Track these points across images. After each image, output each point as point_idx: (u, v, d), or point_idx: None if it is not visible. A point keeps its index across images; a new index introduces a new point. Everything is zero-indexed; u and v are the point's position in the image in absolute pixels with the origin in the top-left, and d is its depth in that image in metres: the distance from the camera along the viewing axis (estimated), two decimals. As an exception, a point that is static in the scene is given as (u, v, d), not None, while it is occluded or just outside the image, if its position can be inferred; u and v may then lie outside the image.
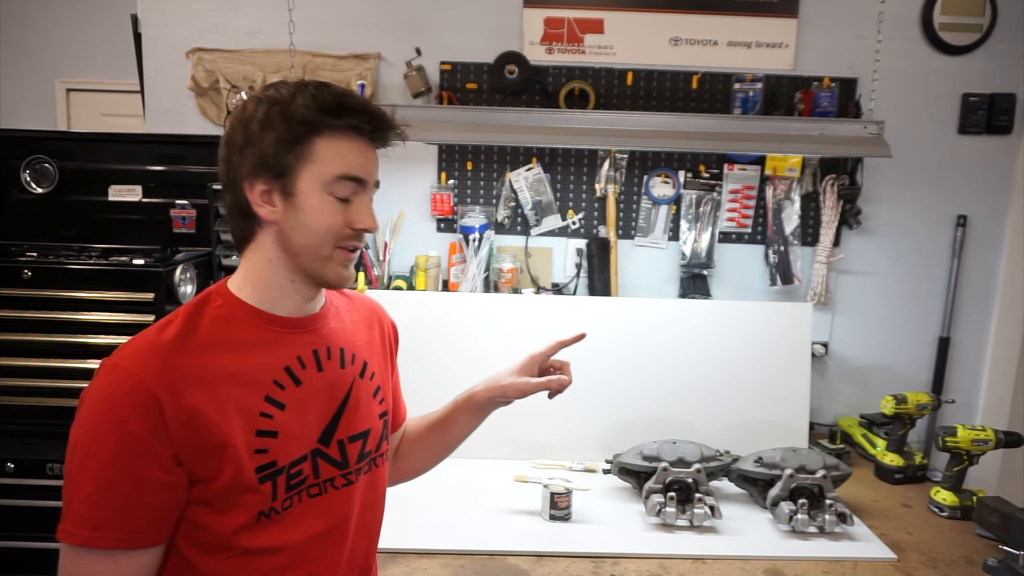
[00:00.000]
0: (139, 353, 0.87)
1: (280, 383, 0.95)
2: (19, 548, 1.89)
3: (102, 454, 0.82)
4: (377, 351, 1.14)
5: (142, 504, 0.84)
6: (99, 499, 0.82)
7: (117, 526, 0.83)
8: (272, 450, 0.92)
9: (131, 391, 0.83)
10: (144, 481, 0.83)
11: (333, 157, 0.92)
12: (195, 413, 0.85)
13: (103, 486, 0.82)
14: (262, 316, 0.97)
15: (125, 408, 0.83)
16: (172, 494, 0.86)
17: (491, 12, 2.24)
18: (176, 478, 0.86)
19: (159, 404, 0.83)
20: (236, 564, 0.91)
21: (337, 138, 0.92)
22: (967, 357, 2.39)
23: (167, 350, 0.87)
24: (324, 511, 0.98)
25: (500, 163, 2.31)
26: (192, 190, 2.21)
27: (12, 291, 1.89)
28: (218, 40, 2.24)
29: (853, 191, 2.25)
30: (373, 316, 1.17)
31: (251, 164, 0.91)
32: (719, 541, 1.59)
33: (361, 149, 0.95)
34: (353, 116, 0.93)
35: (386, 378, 1.15)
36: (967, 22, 2.23)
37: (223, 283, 0.98)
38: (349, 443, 1.02)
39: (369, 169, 0.96)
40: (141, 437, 0.82)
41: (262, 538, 0.92)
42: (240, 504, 0.90)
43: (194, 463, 0.86)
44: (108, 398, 0.84)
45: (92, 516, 0.82)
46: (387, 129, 0.96)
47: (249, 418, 0.90)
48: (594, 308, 2.10)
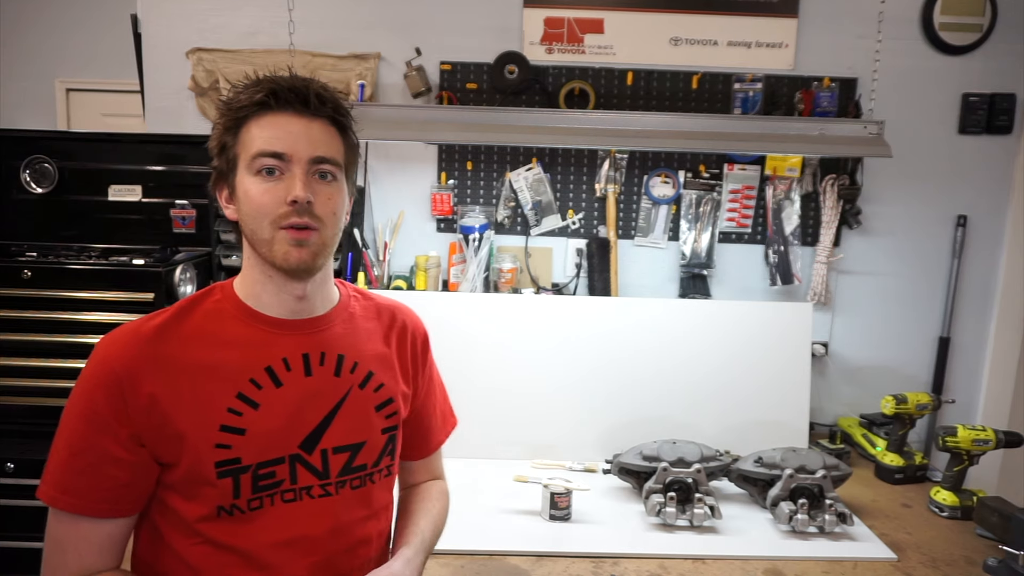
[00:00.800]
0: (117, 337, 0.93)
1: (257, 382, 0.95)
2: (19, 548, 1.89)
3: (73, 425, 0.91)
4: (392, 363, 1.10)
5: (103, 476, 0.90)
6: (67, 466, 0.90)
7: (79, 493, 0.90)
8: (236, 447, 0.92)
9: (101, 372, 0.90)
10: (106, 456, 0.90)
11: (254, 137, 0.94)
12: (154, 400, 0.90)
13: (72, 454, 0.90)
14: (252, 314, 0.98)
15: (94, 387, 0.90)
16: (134, 472, 0.91)
17: (491, 12, 2.24)
18: (137, 457, 0.91)
19: (121, 387, 0.89)
20: (204, 552, 0.94)
21: (259, 118, 0.94)
22: (967, 357, 2.39)
23: (142, 338, 0.93)
24: (295, 519, 0.96)
25: (500, 163, 2.31)
26: (192, 190, 2.21)
27: (12, 291, 1.89)
28: (218, 40, 2.24)
29: (853, 191, 2.25)
30: (396, 326, 1.12)
31: (214, 172, 0.99)
32: (719, 541, 1.59)
33: (281, 123, 0.93)
34: (262, 89, 0.93)
35: (402, 391, 1.10)
36: (967, 22, 2.23)
37: (231, 280, 1.02)
38: (333, 454, 0.99)
39: (291, 142, 0.93)
40: (104, 415, 0.89)
41: (224, 533, 0.93)
42: (200, 495, 0.92)
43: (156, 446, 0.91)
44: (84, 376, 0.92)
45: (61, 480, 0.90)
46: (304, 93, 0.94)
47: (214, 412, 0.92)
48: (594, 308, 2.10)
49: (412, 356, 1.14)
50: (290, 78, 0.95)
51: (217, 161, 0.98)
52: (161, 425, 0.90)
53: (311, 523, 0.98)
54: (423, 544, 1.09)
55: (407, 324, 1.14)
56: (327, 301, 1.05)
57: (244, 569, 0.94)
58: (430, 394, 1.21)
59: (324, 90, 0.96)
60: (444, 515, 1.22)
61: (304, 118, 0.94)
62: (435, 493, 1.24)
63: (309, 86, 0.95)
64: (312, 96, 0.94)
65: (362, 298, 1.12)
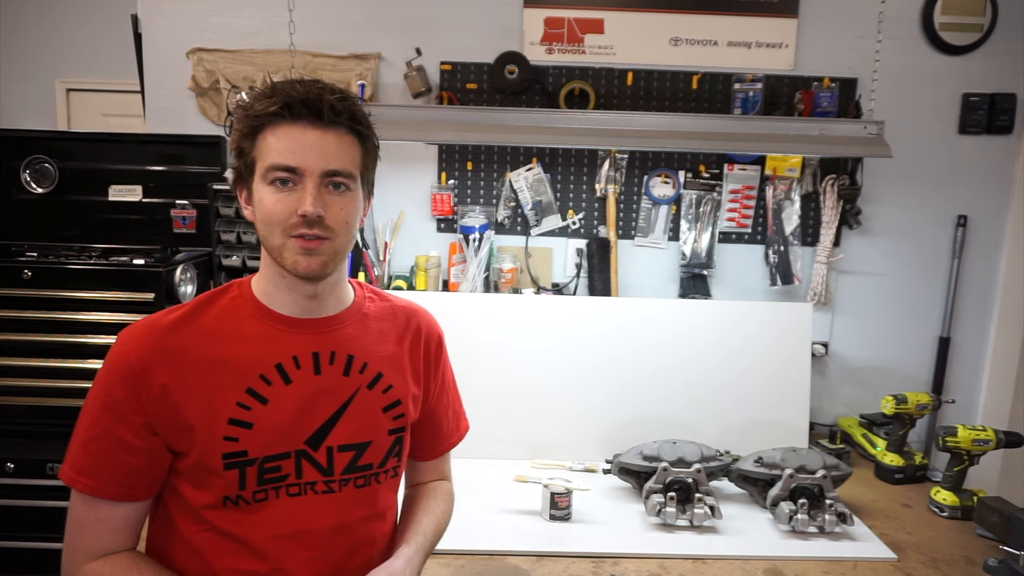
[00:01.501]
0: (136, 330, 0.97)
1: (267, 378, 0.97)
2: (19, 548, 1.89)
3: (92, 411, 0.95)
4: (404, 365, 1.10)
5: (117, 462, 0.94)
6: (86, 449, 0.94)
7: (95, 475, 0.94)
8: (244, 440, 0.95)
9: (119, 361, 0.94)
10: (120, 442, 0.93)
11: (270, 148, 0.94)
12: (167, 391, 0.93)
13: (90, 439, 0.94)
14: (265, 312, 1.01)
15: (113, 375, 0.94)
16: (147, 459, 0.95)
17: (491, 12, 2.24)
18: (150, 445, 0.94)
19: (136, 377, 0.93)
20: (209, 538, 0.97)
21: (275, 128, 0.94)
22: (967, 357, 2.39)
23: (159, 331, 0.96)
24: (298, 513, 0.99)
25: (500, 163, 2.31)
26: (192, 190, 2.21)
27: (12, 291, 1.90)
28: (218, 40, 2.24)
29: (853, 191, 2.25)
30: (411, 328, 1.13)
31: (234, 173, 1.01)
32: (719, 541, 1.59)
33: (295, 135, 0.93)
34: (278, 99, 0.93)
35: (412, 394, 1.11)
36: (967, 22, 2.23)
37: (249, 277, 1.05)
38: (339, 451, 1.01)
39: (303, 155, 0.93)
40: (120, 403, 0.93)
41: (229, 522, 0.96)
42: (208, 484, 0.95)
43: (168, 435, 0.95)
44: (105, 364, 0.95)
45: (79, 461, 0.94)
46: (318, 105, 0.93)
47: (223, 406, 0.95)
48: (594, 308, 2.10)
49: (425, 358, 1.15)
50: (305, 88, 0.94)
51: (236, 163, 1.00)
52: (173, 415, 0.94)
53: (314, 518, 1.00)
54: (424, 543, 1.10)
55: (421, 326, 1.15)
56: (340, 301, 1.06)
57: (245, 557, 0.97)
58: (442, 396, 1.21)
59: (340, 101, 0.95)
60: (447, 516, 1.22)
61: (319, 129, 0.94)
62: (440, 493, 1.24)
63: (323, 97, 0.93)
64: (326, 109, 0.93)
65: (378, 299, 1.13)
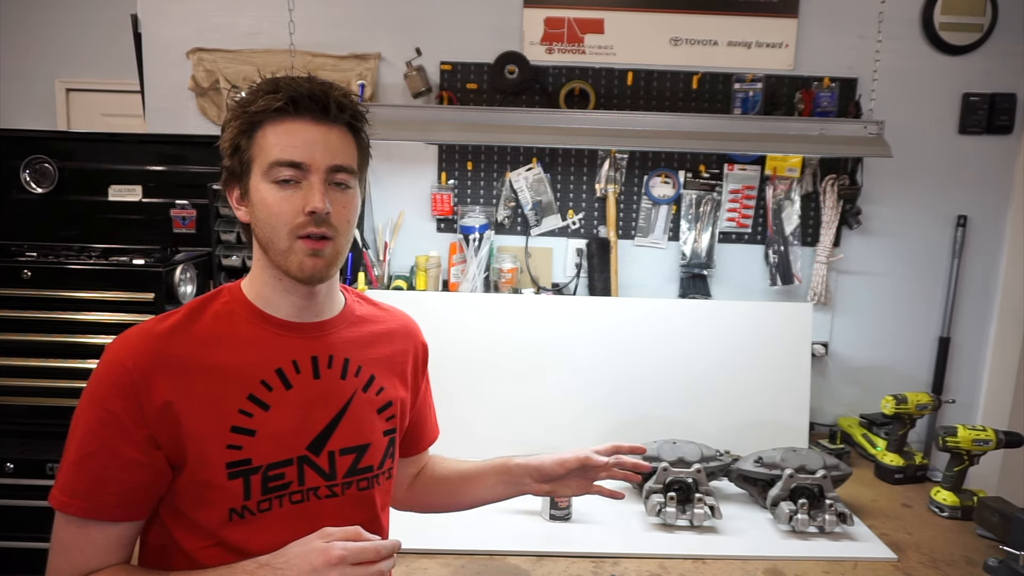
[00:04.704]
0: (131, 339, 0.92)
1: (268, 384, 0.95)
2: (19, 548, 1.89)
3: (86, 427, 0.89)
4: (395, 368, 1.11)
5: (116, 480, 0.88)
6: (79, 469, 0.88)
7: (90, 496, 0.88)
8: (247, 448, 0.93)
9: (115, 373, 0.89)
10: (120, 458, 0.88)
11: (271, 144, 0.92)
12: (168, 402, 0.89)
13: (84, 457, 0.88)
14: (262, 316, 0.98)
15: (108, 388, 0.89)
16: (149, 475, 0.90)
17: (491, 12, 2.24)
18: (152, 460, 0.90)
19: (136, 389, 0.88)
20: (216, 554, 0.93)
21: (276, 124, 0.92)
22: (967, 357, 2.39)
23: (156, 339, 0.92)
24: (303, 520, 0.96)
25: (500, 163, 2.31)
26: (192, 190, 2.21)
27: (12, 291, 1.89)
28: (218, 40, 2.24)
29: (853, 191, 2.25)
30: (402, 333, 1.14)
31: (225, 172, 0.98)
32: (719, 541, 1.59)
33: (298, 131, 0.92)
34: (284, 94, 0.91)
35: (400, 397, 1.12)
36: (967, 22, 2.23)
37: (238, 281, 1.02)
38: (340, 455, 1.00)
39: (309, 151, 0.91)
40: (119, 417, 0.88)
41: (236, 536, 0.93)
42: (211, 499, 0.92)
43: (170, 449, 0.90)
44: (97, 377, 0.90)
45: (72, 484, 0.88)
46: (324, 101, 0.92)
47: (226, 414, 0.92)
48: (594, 308, 2.09)
49: (413, 365, 1.15)
50: (309, 83, 0.93)
51: (229, 161, 0.96)
52: (176, 426, 0.90)
53: (316, 524, 0.98)
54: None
55: (412, 332, 1.16)
56: (334, 305, 1.06)
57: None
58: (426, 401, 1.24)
59: (344, 97, 0.95)
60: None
61: (322, 125, 0.93)
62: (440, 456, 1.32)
63: (329, 94, 0.93)
64: (332, 105, 0.93)
65: (365, 303, 1.13)
